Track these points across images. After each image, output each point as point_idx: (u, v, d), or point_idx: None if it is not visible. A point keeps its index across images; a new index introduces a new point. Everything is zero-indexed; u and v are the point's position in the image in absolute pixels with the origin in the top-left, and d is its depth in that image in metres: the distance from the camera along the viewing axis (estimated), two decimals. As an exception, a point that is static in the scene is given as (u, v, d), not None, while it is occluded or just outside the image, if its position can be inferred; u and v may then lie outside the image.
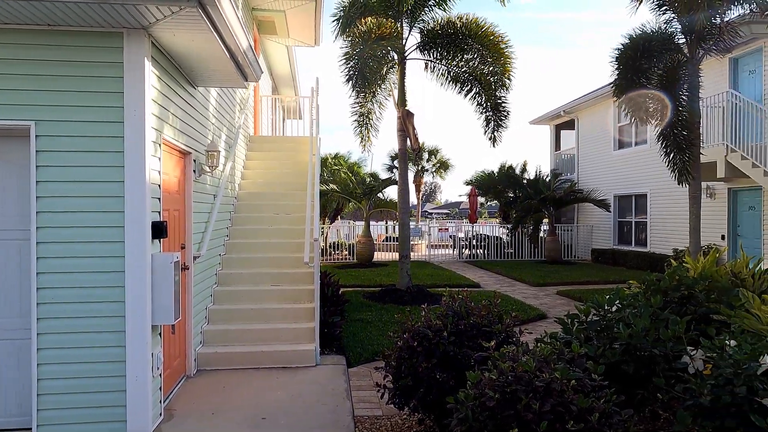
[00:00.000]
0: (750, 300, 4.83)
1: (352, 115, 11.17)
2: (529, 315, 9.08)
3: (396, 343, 4.32)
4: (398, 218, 10.96)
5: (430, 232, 21.98)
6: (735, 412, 3.08)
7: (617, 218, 18.63)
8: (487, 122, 10.92)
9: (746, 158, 11.21)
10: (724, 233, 13.57)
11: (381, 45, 9.61)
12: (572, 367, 3.32)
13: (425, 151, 29.72)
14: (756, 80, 12.77)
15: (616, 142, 18.61)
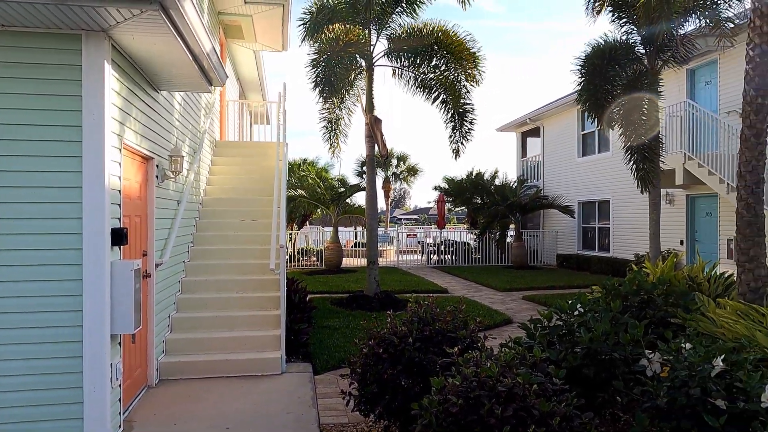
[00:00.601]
0: (705, 304, 4.99)
1: (321, 121, 11.16)
2: (495, 320, 9.17)
3: (362, 350, 4.31)
4: (366, 224, 10.96)
5: (399, 237, 22.04)
6: (690, 413, 3.17)
7: (581, 224, 19.03)
8: (453, 131, 11.01)
9: (703, 166, 11.59)
10: (683, 238, 13.99)
11: (348, 52, 9.62)
12: (535, 372, 3.36)
13: (394, 157, 29.84)
14: (712, 91, 13.24)
15: (580, 150, 19.04)
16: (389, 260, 21.55)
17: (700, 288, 6.35)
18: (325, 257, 17.49)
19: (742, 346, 3.88)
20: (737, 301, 5.16)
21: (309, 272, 16.53)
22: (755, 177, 5.44)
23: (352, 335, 7.57)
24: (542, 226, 21.31)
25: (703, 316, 4.80)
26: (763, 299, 5.36)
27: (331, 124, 11.06)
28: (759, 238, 5.48)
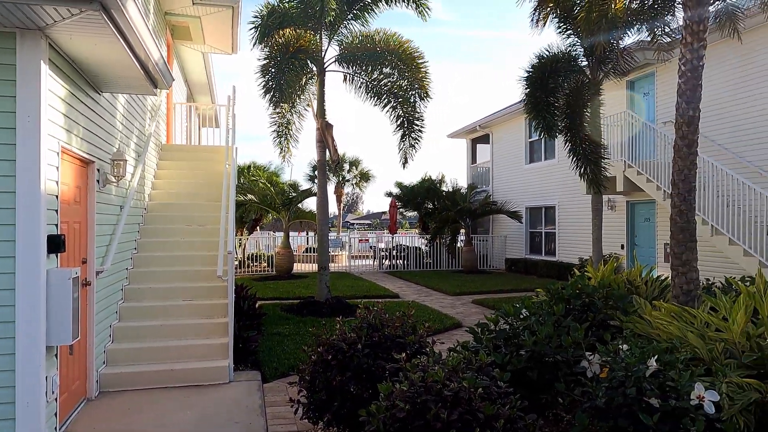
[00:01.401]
0: (642, 306, 5.21)
1: (271, 125, 11.03)
2: (445, 324, 9.29)
3: (310, 357, 4.28)
4: (317, 229, 10.90)
5: (351, 243, 22.01)
6: (626, 412, 3.30)
7: (529, 229, 19.53)
8: (402, 138, 11.09)
9: (642, 174, 12.12)
10: (623, 243, 14.57)
11: (299, 57, 9.57)
12: (480, 376, 3.43)
13: (346, 162, 29.81)
14: (650, 102, 13.88)
15: (528, 156, 19.55)
16: (341, 265, 21.49)
17: (637, 291, 6.63)
18: (276, 263, 17.27)
19: (675, 347, 4.07)
20: (671, 303, 5.42)
21: (259, 278, 16.28)
22: (687, 185, 5.73)
23: (303, 342, 7.51)
24: (492, 231, 21.74)
25: (640, 318, 5.02)
26: (695, 301, 5.64)
27: (281, 129, 10.95)
28: (691, 244, 5.77)
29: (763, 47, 10.75)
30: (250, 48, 9.87)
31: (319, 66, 10.56)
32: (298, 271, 18.31)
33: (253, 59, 58.32)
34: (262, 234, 23.27)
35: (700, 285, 5.91)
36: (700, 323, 4.56)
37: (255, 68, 9.66)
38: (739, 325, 4.17)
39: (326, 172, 11.09)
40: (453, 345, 4.48)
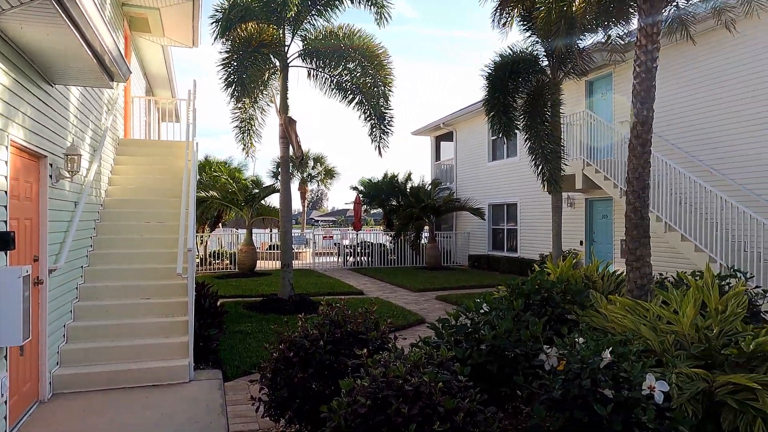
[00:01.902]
0: (598, 300, 5.36)
1: (233, 120, 10.87)
2: (409, 320, 9.35)
3: (272, 354, 4.25)
4: (280, 226, 10.81)
5: (315, 239, 21.90)
6: (582, 403, 3.39)
7: (491, 226, 19.81)
8: (372, 131, 11.11)
9: (600, 172, 12.44)
10: (582, 239, 14.94)
11: (262, 52, 9.44)
12: (441, 370, 3.46)
13: (310, 158, 29.61)
14: (608, 102, 14.25)
15: (491, 154, 19.82)
16: (305, 262, 21.36)
17: (594, 286, 6.82)
18: (238, 260, 17.04)
19: (629, 339, 4.20)
20: (626, 297, 5.59)
21: (222, 276, 16.04)
22: (641, 183, 5.92)
23: (265, 340, 7.44)
24: (455, 228, 21.97)
25: (596, 312, 5.16)
26: (648, 295, 5.84)
27: (244, 124, 10.80)
28: (645, 239, 5.97)
29: (714, 51, 11.16)
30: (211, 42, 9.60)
31: (282, 61, 10.45)
32: (262, 268, 18.12)
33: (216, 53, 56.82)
34: (225, 231, 22.92)
35: (653, 279, 6.12)
36: (653, 316, 4.72)
37: (217, 62, 9.43)
38: (689, 317, 4.33)
39: (289, 168, 11.00)
40: (416, 341, 4.52)
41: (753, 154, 10.44)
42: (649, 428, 3.24)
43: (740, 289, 4.50)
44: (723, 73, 11.05)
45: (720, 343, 4.17)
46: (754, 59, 10.41)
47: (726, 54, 10.96)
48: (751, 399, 3.64)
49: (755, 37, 10.36)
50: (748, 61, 10.53)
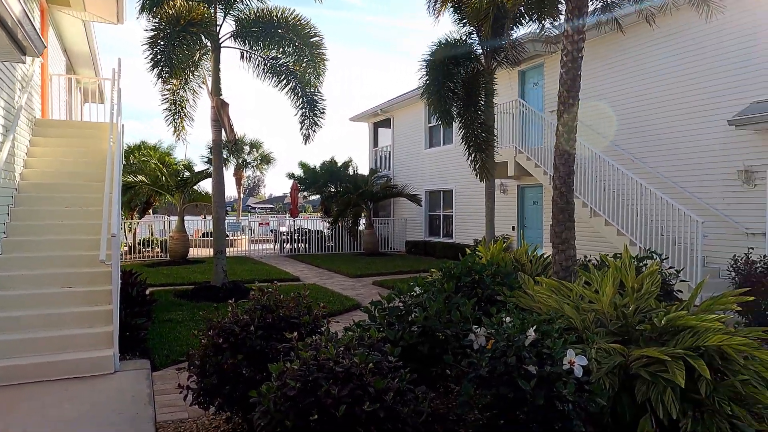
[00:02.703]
0: (526, 282, 5.56)
1: (163, 102, 10.42)
2: (345, 306, 9.37)
3: (201, 341, 4.15)
4: (213, 212, 10.51)
5: (251, 226, 21.50)
6: (507, 380, 3.51)
7: (428, 212, 20.10)
8: (303, 118, 10.93)
9: (531, 159, 12.84)
10: (514, 224, 15.42)
11: (192, 31, 9.07)
12: (372, 352, 3.49)
13: (246, 144, 28.93)
14: (539, 91, 14.70)
15: (427, 141, 20.05)
16: (241, 250, 20.95)
17: (523, 268, 7.07)
18: (169, 248, 16.48)
19: (552, 318, 4.38)
20: (552, 278, 5.82)
21: (152, 264, 15.48)
22: (567, 168, 6.16)
23: (196, 327, 7.23)
24: (393, 214, 22.13)
25: (524, 293, 5.35)
26: (572, 276, 6.11)
27: (174, 106, 10.38)
28: (570, 223, 6.23)
29: (638, 44, 11.72)
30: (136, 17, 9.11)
31: (213, 41, 10.09)
32: (195, 256, 17.62)
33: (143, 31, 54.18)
34: (155, 218, 22.09)
35: (577, 261, 6.41)
36: (576, 296, 4.94)
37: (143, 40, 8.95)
38: (608, 296, 4.56)
39: (222, 152, 10.69)
40: (350, 324, 4.53)
41: (669, 143, 11.08)
42: (569, 401, 3.41)
43: (654, 268, 4.78)
44: (641, 67, 11.63)
45: (636, 320, 4.43)
46: (669, 54, 11.01)
47: (646, 48, 11.53)
48: (662, 371, 3.89)
49: (671, 32, 10.95)
50: (664, 55, 11.13)
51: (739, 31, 9.82)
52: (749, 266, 7.72)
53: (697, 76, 10.57)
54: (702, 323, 4.06)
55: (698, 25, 10.31)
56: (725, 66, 10.06)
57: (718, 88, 10.18)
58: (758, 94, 9.50)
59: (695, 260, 8.91)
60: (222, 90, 10.28)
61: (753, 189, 9.61)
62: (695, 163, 10.60)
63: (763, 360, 3.99)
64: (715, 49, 10.22)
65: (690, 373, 3.85)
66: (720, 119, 9.96)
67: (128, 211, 18.15)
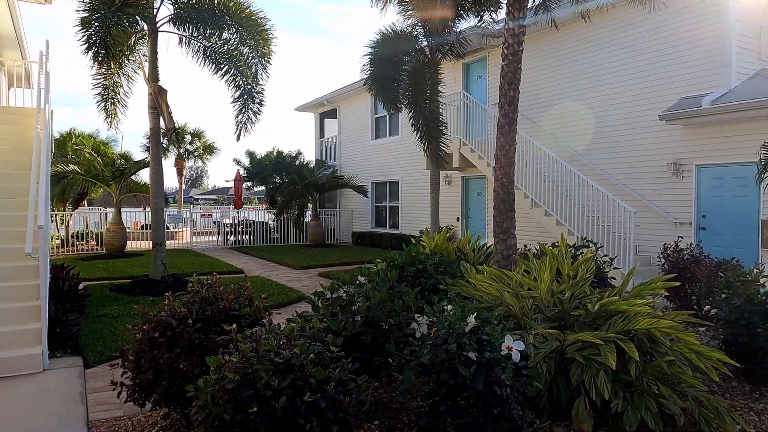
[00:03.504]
0: (468, 270, 5.65)
1: (95, 87, 9.93)
2: (290, 297, 9.27)
3: (135, 335, 4.00)
4: (151, 203, 10.14)
5: (193, 218, 20.91)
6: (448, 367, 3.56)
7: (374, 203, 20.13)
8: (241, 109, 10.61)
9: (474, 151, 13.06)
10: (459, 215, 15.66)
11: (128, 12, 8.67)
12: (314, 342, 3.46)
13: (188, 133, 28.04)
14: (483, 84, 14.94)
15: (374, 132, 20.04)
16: (183, 242, 20.34)
17: (466, 258, 7.19)
18: (106, 241, 15.80)
19: (492, 305, 4.48)
20: (493, 267, 5.95)
21: (87, 258, 14.81)
22: (508, 160, 6.29)
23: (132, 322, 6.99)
24: (339, 206, 22.04)
25: (467, 282, 5.45)
26: (512, 264, 6.27)
27: (107, 92, 9.91)
28: (510, 213, 6.38)
29: (573, 40, 12.08)
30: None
31: (150, 25, 9.68)
32: (133, 249, 16.99)
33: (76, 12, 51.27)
34: (91, 210, 21.12)
35: (518, 250, 6.57)
36: (515, 284, 5.07)
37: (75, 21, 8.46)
38: (545, 283, 4.70)
39: (160, 141, 10.31)
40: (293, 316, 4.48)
41: (606, 137, 11.52)
42: (507, 385, 3.49)
43: (588, 256, 4.96)
44: (579, 63, 12.01)
45: (571, 306, 4.59)
46: (606, 51, 11.42)
47: (583, 45, 11.91)
48: (596, 354, 4.05)
49: (607, 30, 11.35)
50: (601, 52, 11.54)
51: (670, 31, 10.29)
52: (677, 254, 8.12)
53: (631, 72, 11.01)
54: (632, 308, 4.25)
55: (633, 25, 10.73)
56: (658, 63, 10.53)
57: (651, 85, 10.64)
58: (687, 91, 10.00)
59: (628, 248, 9.32)
60: (160, 76, 9.90)
61: (681, 181, 10.13)
62: (630, 157, 11.07)
63: (687, 341, 4.21)
64: (648, 48, 10.67)
65: (621, 355, 4.03)
66: (652, 114, 10.42)
67: (61, 202, 17.27)
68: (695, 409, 3.98)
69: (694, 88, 9.89)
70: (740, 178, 9.28)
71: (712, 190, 9.78)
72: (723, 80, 9.56)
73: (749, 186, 8.95)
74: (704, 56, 9.81)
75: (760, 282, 5.24)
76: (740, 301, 5.21)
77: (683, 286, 7.51)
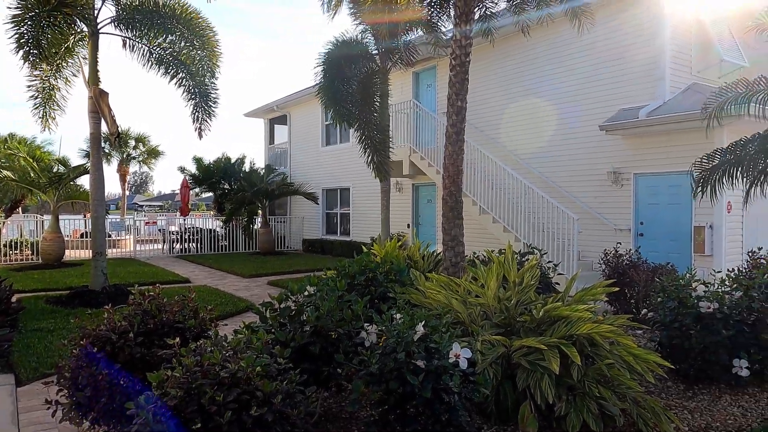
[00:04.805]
0: (418, 278, 5.69)
1: (29, 90, 9.48)
2: (238, 307, 9.08)
3: (72, 351, 3.82)
4: (91, 210, 9.75)
5: (137, 226, 20.22)
6: (397, 375, 3.58)
7: (325, 210, 20.03)
8: (196, 111, 10.46)
9: (424, 159, 13.20)
10: (410, 222, 15.78)
11: (65, 12, 8.31)
12: (261, 354, 3.40)
13: (132, 137, 27.15)
14: (432, 93, 15.14)
15: (324, 139, 19.96)
16: (126, 250, 19.63)
17: (416, 265, 7.24)
18: (42, 250, 15.04)
19: (441, 313, 4.53)
20: (442, 274, 6.02)
21: (22, 268, 14.06)
22: (456, 168, 6.40)
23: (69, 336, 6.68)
24: (290, 213, 21.81)
25: (416, 290, 5.49)
26: (461, 272, 6.36)
27: (42, 95, 9.47)
28: (459, 221, 6.48)
29: (520, 51, 12.42)
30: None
31: (91, 26, 9.32)
32: (73, 258, 16.25)
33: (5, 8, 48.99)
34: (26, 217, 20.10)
35: (466, 257, 6.68)
36: (463, 291, 5.15)
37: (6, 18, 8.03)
38: (492, 290, 4.80)
39: (101, 145, 9.93)
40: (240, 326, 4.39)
41: (551, 146, 11.88)
42: (455, 392, 3.54)
43: (533, 263, 5.09)
44: (525, 74, 12.37)
45: (517, 312, 4.69)
46: (551, 63, 11.81)
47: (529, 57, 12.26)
48: (540, 359, 4.15)
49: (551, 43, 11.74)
50: (546, 64, 11.92)
51: (610, 45, 10.74)
52: (617, 259, 8.45)
53: (574, 84, 11.41)
54: (574, 313, 4.38)
55: (574, 39, 11.13)
56: (599, 76, 10.96)
57: (593, 96, 11.06)
58: (626, 103, 10.44)
59: (572, 254, 9.63)
60: (102, 78, 9.54)
61: (621, 189, 10.56)
62: (573, 165, 11.45)
63: (626, 345, 4.38)
64: (590, 61, 11.09)
65: (565, 359, 4.15)
66: (593, 125, 10.83)
67: (-9, 209, 16.37)
68: (633, 409, 4.14)
69: (632, 101, 10.35)
70: (675, 186, 9.76)
71: (649, 198, 10.23)
72: (658, 93, 10.04)
73: (683, 194, 9.43)
74: (642, 70, 10.29)
75: (693, 286, 5.51)
76: (674, 305, 5.46)
77: (623, 291, 7.81)
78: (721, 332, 5.11)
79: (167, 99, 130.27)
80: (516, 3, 8.21)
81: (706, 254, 9.27)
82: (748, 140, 5.77)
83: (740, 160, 5.76)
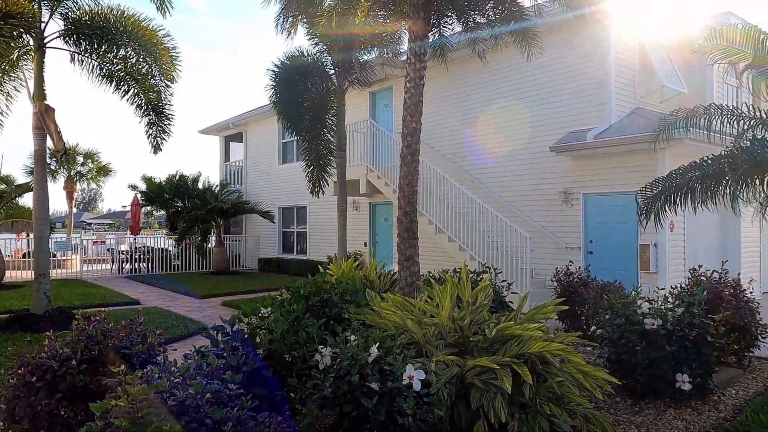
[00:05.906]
0: (373, 298, 5.69)
1: (-33, 105, 9.08)
2: (189, 329, 8.84)
3: (8, 381, 3.64)
4: (35, 229, 9.35)
5: (84, 245, 19.49)
6: (351, 398, 3.55)
7: (282, 229, 19.83)
8: (150, 127, 10.26)
9: (381, 178, 13.28)
10: (366, 241, 15.79)
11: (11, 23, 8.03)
12: (211, 381, 3.32)
13: (80, 154, 26.26)
14: (389, 113, 15.30)
15: (281, 157, 19.84)
16: (73, 271, 18.83)
17: (372, 285, 7.24)
18: (-20, 271, 14.31)
19: (395, 334, 4.53)
20: (397, 294, 6.04)
21: (-44, 291, 13.32)
22: (411, 189, 6.46)
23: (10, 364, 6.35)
24: (245, 231, 21.48)
25: (372, 310, 5.48)
26: (416, 291, 6.40)
27: (-19, 110, 9.09)
28: (414, 241, 6.53)
29: (474, 73, 12.73)
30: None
31: (37, 40, 9.03)
32: (14, 279, 15.53)
33: (-47, 22, 46.49)
34: (-37, 237, 19.08)
35: (420, 277, 6.72)
36: (419, 311, 5.17)
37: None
38: (446, 310, 4.84)
39: (46, 162, 9.58)
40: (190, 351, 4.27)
41: (504, 167, 12.17)
42: (408, 414, 3.54)
43: (486, 283, 5.17)
44: (478, 96, 12.68)
45: (471, 331, 4.75)
46: (503, 86, 12.15)
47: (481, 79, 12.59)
48: (493, 378, 4.20)
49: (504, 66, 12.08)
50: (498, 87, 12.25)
51: (560, 69, 11.15)
52: (568, 277, 8.68)
53: (526, 106, 11.76)
54: (526, 332, 4.47)
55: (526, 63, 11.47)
56: (549, 98, 11.34)
57: (544, 118, 11.42)
58: (574, 125, 10.82)
59: (525, 272, 9.83)
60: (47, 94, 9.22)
61: (571, 208, 10.89)
62: (526, 185, 11.75)
63: (575, 362, 4.49)
64: (541, 83, 11.47)
65: (517, 377, 4.21)
66: (544, 146, 11.16)
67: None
68: (583, 425, 4.23)
69: (580, 123, 10.73)
70: (621, 206, 10.13)
71: (598, 217, 10.58)
72: (605, 116, 10.46)
73: (629, 213, 9.79)
74: (589, 94, 10.71)
75: (638, 303, 5.71)
76: (621, 321, 5.64)
77: (573, 308, 8.01)
78: (665, 348, 5.30)
79: (122, 110, 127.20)
80: (467, 22, 8.43)
81: (652, 271, 9.64)
82: (687, 168, 6.07)
83: (680, 187, 6.05)
